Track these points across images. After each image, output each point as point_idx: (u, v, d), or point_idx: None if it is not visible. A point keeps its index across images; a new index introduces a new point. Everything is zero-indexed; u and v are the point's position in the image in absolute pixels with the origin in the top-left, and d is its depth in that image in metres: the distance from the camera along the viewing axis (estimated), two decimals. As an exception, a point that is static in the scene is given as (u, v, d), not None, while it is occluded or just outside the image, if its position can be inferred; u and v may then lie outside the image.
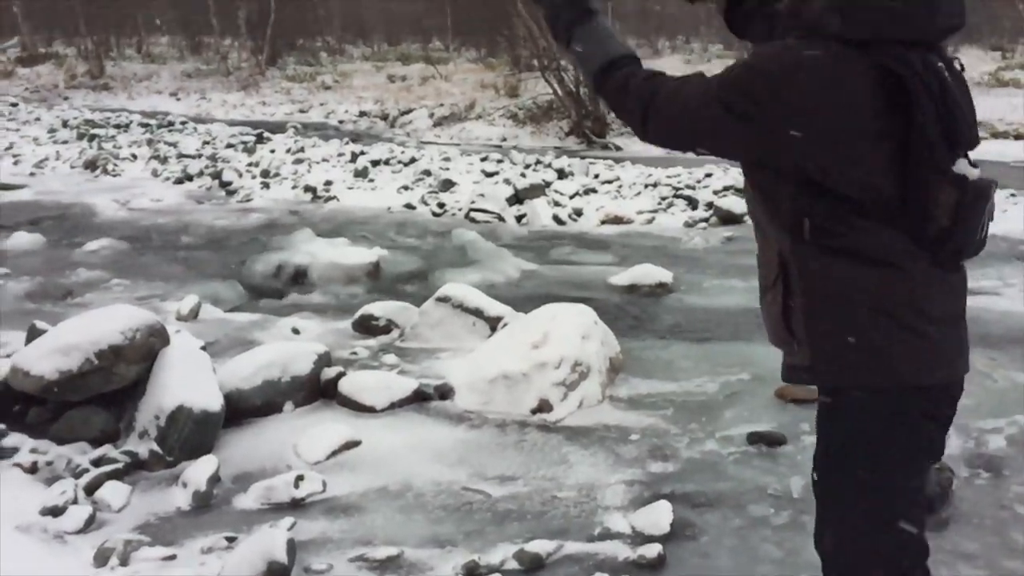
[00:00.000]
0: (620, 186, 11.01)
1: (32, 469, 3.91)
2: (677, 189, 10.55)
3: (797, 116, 1.79)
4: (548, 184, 10.82)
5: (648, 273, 7.16)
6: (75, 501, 3.61)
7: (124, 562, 3.20)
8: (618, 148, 17.22)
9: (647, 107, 1.92)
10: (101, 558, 3.22)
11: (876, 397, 1.89)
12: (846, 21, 1.80)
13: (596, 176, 11.52)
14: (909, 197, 1.81)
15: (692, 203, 10.08)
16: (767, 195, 1.93)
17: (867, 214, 1.83)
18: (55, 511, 3.54)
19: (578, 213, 9.99)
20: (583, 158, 13.04)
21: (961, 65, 1.90)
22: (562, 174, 11.54)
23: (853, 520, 1.95)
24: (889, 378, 1.88)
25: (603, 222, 9.77)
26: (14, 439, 4.06)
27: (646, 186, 10.89)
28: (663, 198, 10.38)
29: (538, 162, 12.19)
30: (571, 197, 10.51)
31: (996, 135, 18.93)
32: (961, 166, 1.81)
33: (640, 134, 1.97)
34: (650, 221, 9.69)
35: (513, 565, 3.21)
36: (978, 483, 3.77)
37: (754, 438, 4.20)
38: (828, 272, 1.87)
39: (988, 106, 20.62)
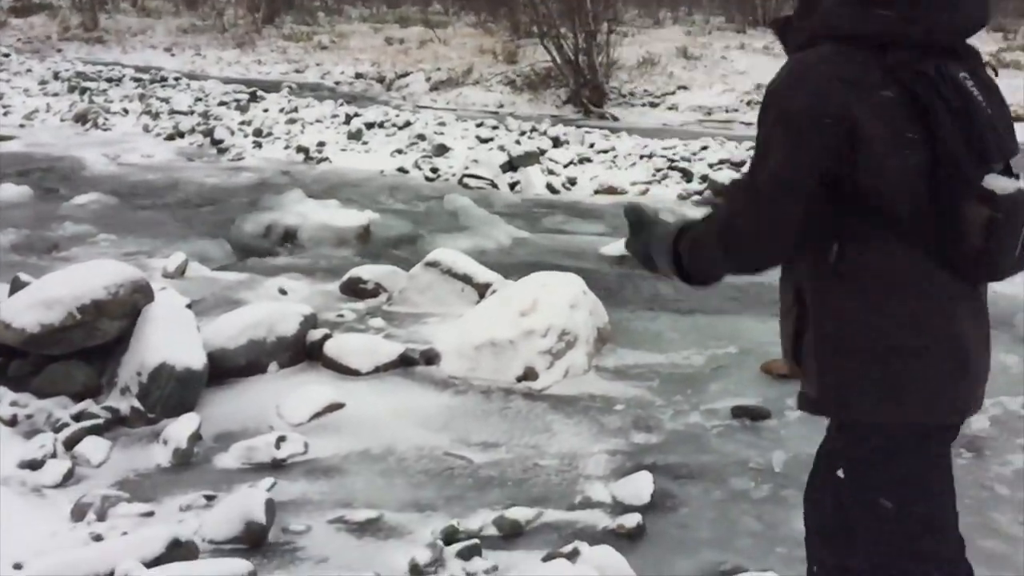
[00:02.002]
0: (615, 156, 10.93)
1: (12, 422, 3.89)
2: (672, 161, 10.49)
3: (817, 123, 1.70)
4: (543, 152, 10.74)
5: (640, 244, 7.12)
6: (54, 455, 3.60)
7: (101, 517, 3.18)
8: (615, 118, 17.12)
9: (721, 234, 1.85)
10: (79, 513, 3.21)
11: (901, 433, 1.80)
12: (855, 20, 1.70)
13: (591, 146, 11.44)
14: (938, 215, 1.70)
15: (687, 175, 10.03)
16: None
17: (897, 235, 1.73)
18: (33, 464, 3.52)
19: (572, 182, 9.94)
20: (579, 127, 12.94)
21: (995, 69, 1.81)
22: (557, 142, 11.46)
23: (886, 550, 1.84)
24: (925, 415, 1.80)
25: (597, 192, 9.72)
26: (-6, 392, 4.04)
27: (641, 157, 10.81)
28: (658, 170, 10.32)
29: (533, 129, 12.09)
30: (565, 166, 10.45)
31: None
32: (992, 181, 1.68)
33: (737, 264, 1.88)
34: (644, 192, 9.64)
35: (492, 531, 3.21)
36: (960, 463, 3.75)
37: (738, 412, 4.20)
38: (853, 302, 1.76)
39: (988, 88, 20.55)
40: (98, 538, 3.06)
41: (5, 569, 2.88)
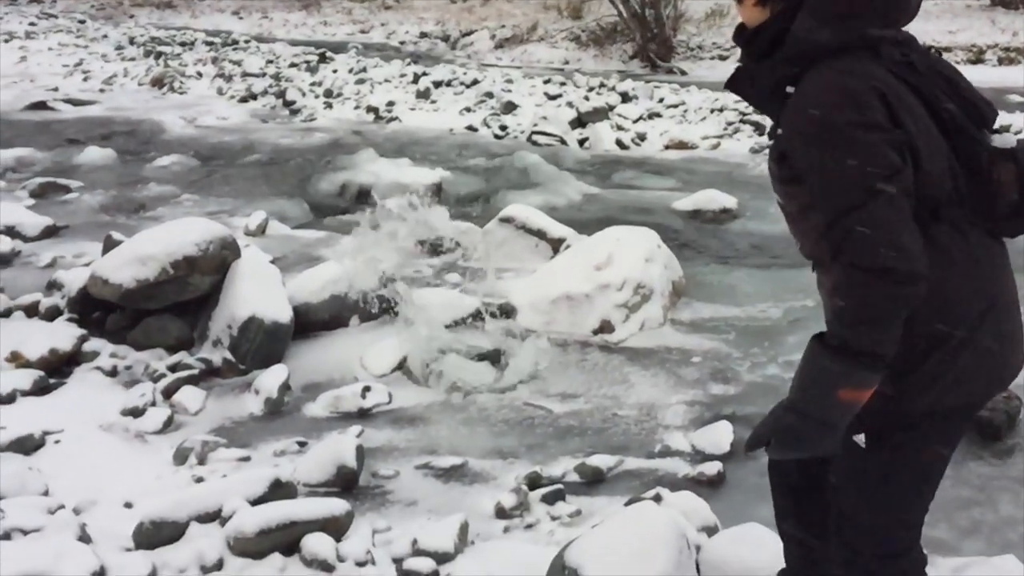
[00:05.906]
0: (685, 111, 10.81)
1: (112, 373, 4.09)
2: (744, 114, 10.31)
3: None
4: (611, 108, 10.67)
5: (712, 199, 7.08)
6: (154, 403, 3.78)
7: (202, 461, 3.35)
8: (683, 72, 16.85)
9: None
10: (180, 457, 3.38)
11: (949, 416, 1.81)
12: (842, 33, 1.73)
13: (660, 100, 11.32)
14: (971, 185, 1.77)
15: (759, 129, 9.85)
16: None
17: (949, 219, 1.75)
18: (135, 412, 3.71)
19: (641, 138, 9.86)
20: (647, 82, 12.79)
21: (938, 51, 1.84)
22: (626, 98, 11.36)
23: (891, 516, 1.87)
24: (974, 394, 1.82)
25: (667, 147, 9.63)
26: (95, 344, 4.24)
27: (712, 111, 10.67)
28: (729, 123, 10.17)
29: (602, 85, 12.01)
30: (635, 121, 10.37)
31: None
32: (1002, 140, 1.79)
33: (902, 289, 1.63)
34: (715, 147, 9.53)
35: (574, 478, 3.29)
36: None
37: (817, 364, 4.17)
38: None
39: None
40: (200, 480, 3.23)
41: (116, 508, 3.06)
